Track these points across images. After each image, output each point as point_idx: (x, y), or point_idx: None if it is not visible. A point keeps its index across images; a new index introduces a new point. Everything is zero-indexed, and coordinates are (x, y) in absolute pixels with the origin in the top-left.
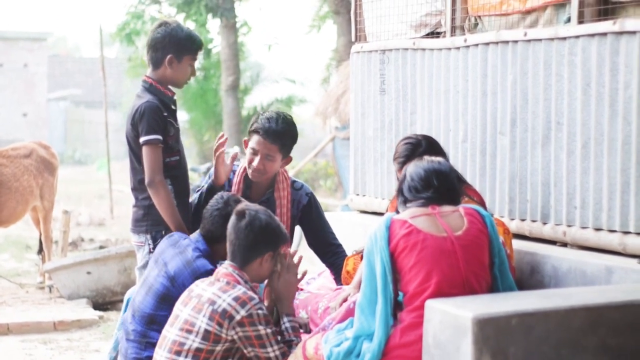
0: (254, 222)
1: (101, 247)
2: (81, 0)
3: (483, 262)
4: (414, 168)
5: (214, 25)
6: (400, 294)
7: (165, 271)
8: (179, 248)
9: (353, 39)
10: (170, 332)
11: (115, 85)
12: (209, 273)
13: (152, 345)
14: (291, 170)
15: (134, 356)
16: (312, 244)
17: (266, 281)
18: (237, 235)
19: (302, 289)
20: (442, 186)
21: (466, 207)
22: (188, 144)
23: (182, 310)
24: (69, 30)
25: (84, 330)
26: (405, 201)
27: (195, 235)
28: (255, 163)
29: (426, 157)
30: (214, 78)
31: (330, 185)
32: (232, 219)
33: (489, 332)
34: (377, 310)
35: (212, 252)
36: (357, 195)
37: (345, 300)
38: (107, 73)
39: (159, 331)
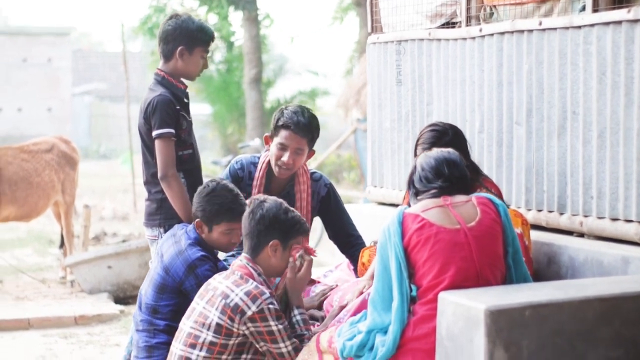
0: (256, 209)
1: (124, 241)
2: None
3: (497, 252)
4: (424, 158)
5: (237, 18)
6: (414, 287)
7: (161, 262)
8: (175, 238)
9: (369, 30)
10: (185, 325)
11: (139, 79)
12: (201, 259)
13: (161, 331)
14: (314, 162)
15: (144, 344)
16: (331, 235)
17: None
18: (243, 223)
19: (318, 282)
20: (453, 174)
21: (479, 197)
22: (211, 137)
23: (199, 303)
24: (93, 25)
25: (104, 325)
26: (417, 193)
27: (190, 225)
28: (285, 158)
29: (435, 148)
30: (236, 71)
31: (354, 177)
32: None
33: (501, 323)
34: (393, 307)
35: (202, 239)
36: (375, 187)
37: (361, 292)
38: (131, 67)
39: (164, 319)
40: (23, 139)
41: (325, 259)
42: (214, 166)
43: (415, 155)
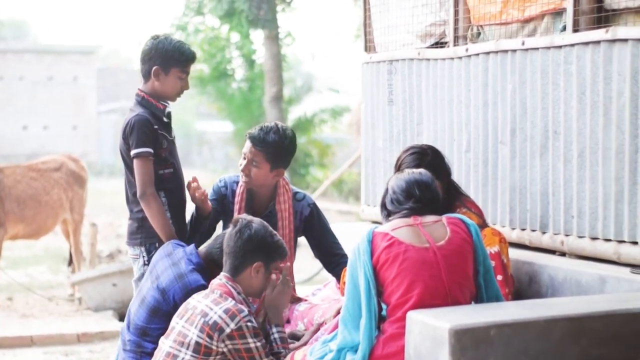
0: (243, 230)
1: None
2: (131, 13)
3: (466, 271)
4: (395, 181)
5: (259, 36)
6: (384, 306)
7: (157, 284)
8: (173, 259)
9: (363, 49)
10: (164, 344)
11: None
12: (200, 288)
13: (147, 354)
14: (327, 180)
15: None
16: (316, 254)
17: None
18: (227, 242)
19: (305, 300)
20: (424, 196)
21: (449, 217)
22: (233, 154)
23: (178, 322)
24: (121, 43)
25: (106, 342)
26: (389, 214)
27: (191, 247)
28: (242, 166)
29: (407, 170)
30: (258, 89)
31: None
32: (230, 227)
33: (466, 342)
34: (362, 324)
35: (208, 270)
36: (368, 205)
37: (339, 311)
38: None
39: (153, 342)
40: None
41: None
42: None
43: None
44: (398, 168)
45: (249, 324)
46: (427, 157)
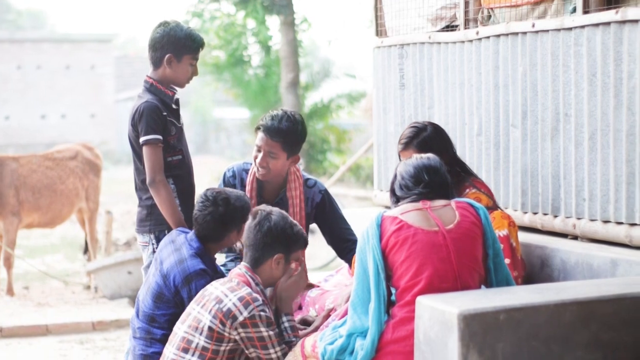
0: (263, 222)
1: None
2: (147, 1)
3: (476, 255)
4: (403, 167)
5: (275, 22)
6: (393, 290)
7: (160, 269)
8: (175, 245)
9: (375, 33)
10: (180, 329)
11: None
12: (199, 274)
13: (157, 341)
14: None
15: (140, 352)
16: (328, 241)
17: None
18: (247, 234)
19: (317, 286)
20: (433, 180)
21: (458, 201)
22: (250, 141)
23: (194, 308)
24: (139, 31)
25: (121, 330)
26: (398, 200)
27: (191, 233)
28: (258, 160)
29: (415, 155)
30: (274, 75)
31: None
32: (249, 219)
33: (475, 328)
34: (370, 309)
35: (207, 251)
36: (381, 190)
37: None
38: None
39: (161, 328)
40: None
41: None
42: None
43: (398, 154)
44: (398, 141)
45: (262, 313)
46: (424, 132)
